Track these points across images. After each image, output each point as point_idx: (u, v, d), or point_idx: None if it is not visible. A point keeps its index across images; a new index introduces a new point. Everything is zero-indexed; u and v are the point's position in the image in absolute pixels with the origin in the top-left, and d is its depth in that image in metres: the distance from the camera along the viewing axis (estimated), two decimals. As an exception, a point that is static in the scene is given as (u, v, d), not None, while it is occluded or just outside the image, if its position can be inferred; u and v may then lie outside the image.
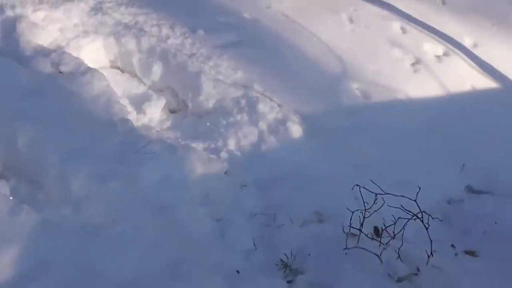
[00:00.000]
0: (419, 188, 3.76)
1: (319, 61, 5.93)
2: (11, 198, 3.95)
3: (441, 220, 4.16)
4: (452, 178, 4.90)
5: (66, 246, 3.65)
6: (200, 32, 6.02)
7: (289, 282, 3.74)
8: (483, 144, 5.20)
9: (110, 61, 5.99)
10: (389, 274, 3.74)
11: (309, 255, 3.90)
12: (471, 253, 4.11)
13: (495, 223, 4.38)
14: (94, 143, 4.44)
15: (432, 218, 3.84)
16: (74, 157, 4.22)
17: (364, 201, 3.83)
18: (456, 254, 4.09)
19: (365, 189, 3.85)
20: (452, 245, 4.15)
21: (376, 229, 4.03)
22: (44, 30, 5.86)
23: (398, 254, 3.78)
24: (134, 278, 3.52)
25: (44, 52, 5.47)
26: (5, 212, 3.75)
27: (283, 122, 5.05)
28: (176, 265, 3.63)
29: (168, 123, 5.36)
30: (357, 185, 3.88)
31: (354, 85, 5.65)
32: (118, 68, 5.97)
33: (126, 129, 4.71)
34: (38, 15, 6.01)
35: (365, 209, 3.85)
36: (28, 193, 4.16)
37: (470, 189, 4.85)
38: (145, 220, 3.90)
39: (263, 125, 5.02)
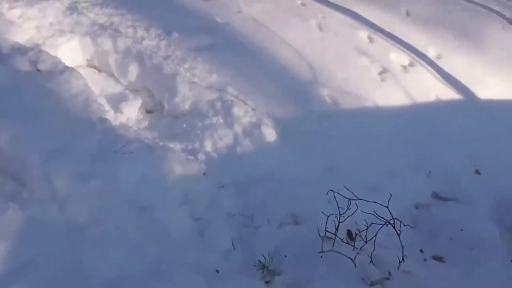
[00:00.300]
0: (391, 194, 3.93)
1: (289, 66, 6.04)
2: (-4, 195, 4.01)
3: (412, 227, 4.31)
4: (419, 184, 5.03)
5: (52, 244, 3.72)
6: (175, 34, 6.11)
7: (267, 282, 3.83)
8: (447, 153, 5.35)
9: (87, 60, 6.04)
10: (362, 278, 3.87)
11: (285, 256, 4.00)
12: (439, 258, 4.27)
13: (461, 230, 4.53)
14: (74, 142, 4.46)
15: (404, 225, 3.98)
16: (56, 156, 4.24)
17: (338, 205, 3.95)
18: (425, 260, 4.24)
19: (339, 194, 3.96)
20: (421, 250, 4.30)
21: (349, 232, 4.16)
22: (21, 28, 5.89)
23: (371, 258, 3.92)
24: (117, 276, 3.61)
25: (21, 50, 5.48)
26: (-8, 210, 3.82)
27: (257, 125, 5.16)
28: (157, 264, 3.72)
29: (145, 123, 5.42)
30: (331, 190, 3.99)
31: (324, 91, 5.76)
32: (95, 67, 6.01)
33: (105, 128, 4.75)
34: (14, 13, 6.04)
35: (340, 214, 3.96)
36: (12, 190, 4.16)
37: (436, 196, 4.98)
38: (127, 219, 3.97)
39: (238, 128, 5.11)
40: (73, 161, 4.27)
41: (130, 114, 5.42)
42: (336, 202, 3.96)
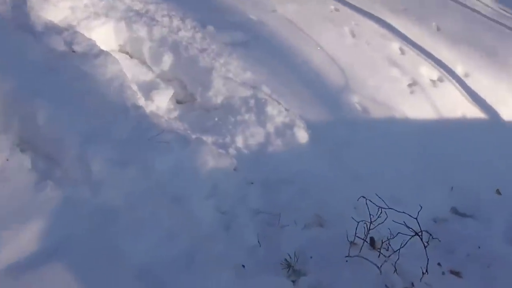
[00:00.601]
0: (421, 207, 3.95)
1: (321, 70, 6.07)
2: (34, 172, 4.01)
3: (439, 240, 4.29)
4: (439, 198, 5.02)
5: (86, 224, 3.79)
6: (210, 28, 6.12)
7: (293, 281, 3.83)
8: (469, 171, 5.35)
9: (119, 45, 6.03)
10: (386, 286, 3.86)
11: (311, 257, 4.01)
12: (456, 273, 4.25)
13: (479, 247, 4.52)
14: (110, 126, 4.49)
15: (433, 238, 4.02)
16: (92, 138, 4.29)
17: (370, 212, 3.96)
18: (443, 273, 4.22)
19: (370, 202, 3.97)
20: (439, 264, 4.27)
21: (372, 239, 4.16)
22: (55, 6, 5.87)
23: (395, 267, 3.92)
24: (150, 262, 3.68)
25: (56, 29, 5.46)
26: (31, 186, 3.85)
27: (290, 126, 5.16)
28: (188, 254, 3.78)
29: (175, 113, 5.40)
30: (363, 196, 3.99)
31: (355, 99, 5.79)
32: (127, 53, 6.01)
33: (139, 115, 4.73)
34: (48, -9, 6.02)
35: (371, 222, 3.97)
36: (46, 168, 4.19)
37: (455, 211, 4.98)
38: (160, 208, 4.01)
39: (270, 127, 5.11)
40: (109, 146, 4.31)
41: (161, 103, 5.40)
42: (368, 210, 3.96)
